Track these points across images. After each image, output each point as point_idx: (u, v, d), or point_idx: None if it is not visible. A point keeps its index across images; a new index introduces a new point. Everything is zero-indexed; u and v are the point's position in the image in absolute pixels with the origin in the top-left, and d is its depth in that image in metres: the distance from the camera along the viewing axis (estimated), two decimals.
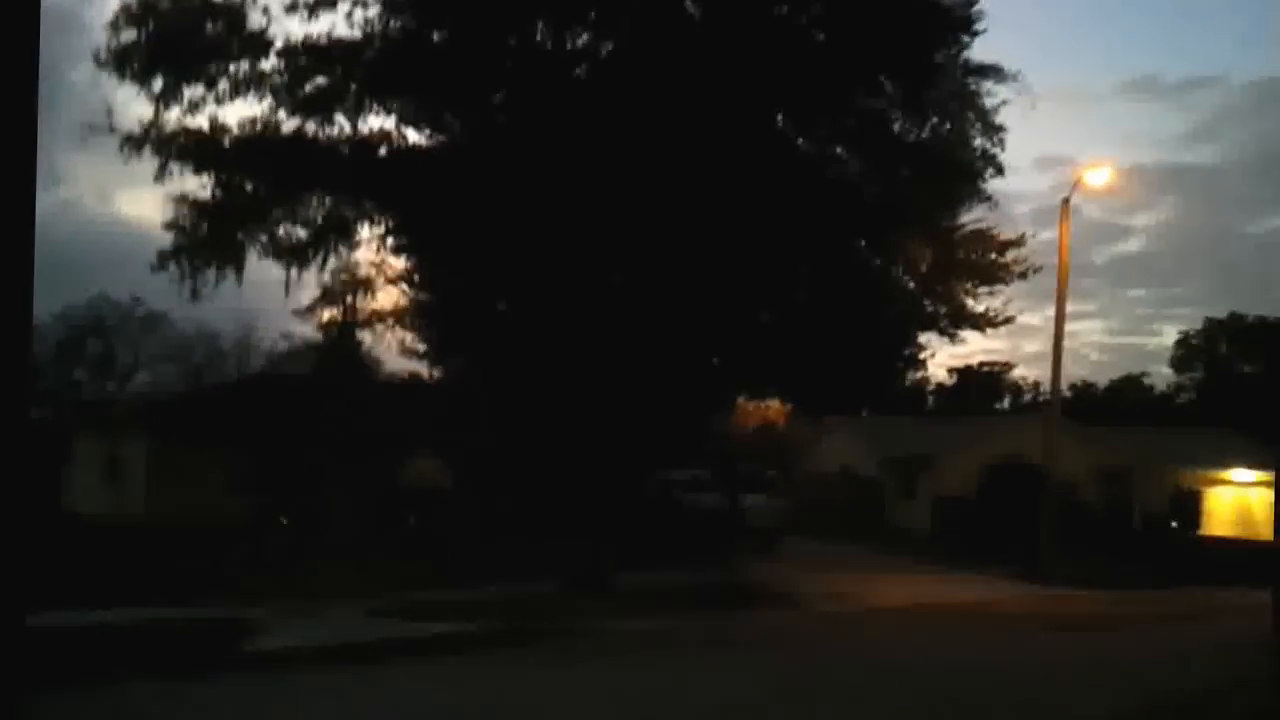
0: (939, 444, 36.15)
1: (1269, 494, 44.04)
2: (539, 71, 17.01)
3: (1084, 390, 79.12)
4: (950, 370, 78.06)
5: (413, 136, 18.82)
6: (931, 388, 76.76)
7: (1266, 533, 41.86)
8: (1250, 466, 42.20)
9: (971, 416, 46.48)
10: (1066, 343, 25.15)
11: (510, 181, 16.68)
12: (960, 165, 18.11)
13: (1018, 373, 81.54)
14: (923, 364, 23.82)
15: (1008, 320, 21.34)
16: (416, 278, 22.04)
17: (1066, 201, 24.05)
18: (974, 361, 76.68)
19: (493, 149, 17.07)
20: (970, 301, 20.76)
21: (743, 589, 19.84)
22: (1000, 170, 18.37)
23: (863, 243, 19.24)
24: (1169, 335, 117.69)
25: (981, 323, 21.14)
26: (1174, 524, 39.44)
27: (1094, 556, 26.63)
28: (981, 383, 77.42)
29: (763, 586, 20.38)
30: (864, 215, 18.40)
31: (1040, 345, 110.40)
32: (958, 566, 25.77)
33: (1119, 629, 16.41)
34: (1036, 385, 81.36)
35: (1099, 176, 23.22)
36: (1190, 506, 41.11)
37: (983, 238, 19.72)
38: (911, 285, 21.15)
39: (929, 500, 33.87)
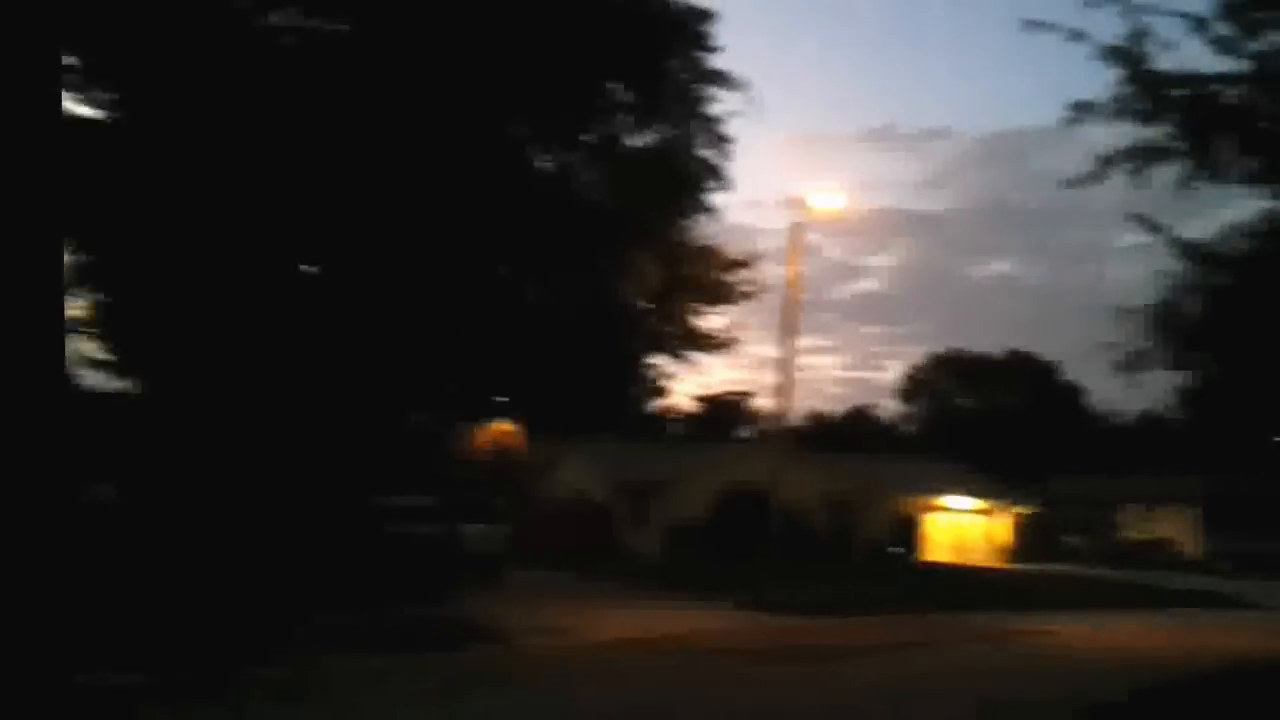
0: (673, 470, 35.90)
1: (982, 521, 46.93)
2: (221, 42, 15.10)
3: (820, 420, 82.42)
4: (697, 399, 79.49)
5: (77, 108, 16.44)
6: (678, 416, 77.90)
7: (979, 558, 44.55)
8: (966, 494, 44.64)
9: (706, 443, 46.89)
10: (806, 375, 25.46)
11: (182, 162, 14.69)
12: (687, 174, 17.54)
13: (760, 402, 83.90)
14: (661, 389, 23.17)
15: (732, 341, 21.05)
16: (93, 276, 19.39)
17: (797, 226, 24.18)
18: (719, 391, 78.38)
19: (163, 125, 15.00)
20: (697, 321, 20.30)
21: (450, 625, 18.31)
22: (726, 182, 17.95)
23: (588, 255, 18.36)
24: (899, 369, 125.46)
25: (709, 343, 20.72)
26: (894, 549, 40.94)
27: (819, 584, 26.76)
28: (725, 412, 78.99)
29: (473, 622, 18.91)
30: (591, 224, 17.50)
31: (777, 377, 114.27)
32: (686, 595, 25.20)
33: (837, 659, 16.01)
34: (772, 414, 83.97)
35: (827, 200, 23.43)
36: (910, 532, 42.87)
37: (710, 254, 19.27)
38: (640, 302, 20.49)
39: (662, 527, 33.47)
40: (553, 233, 17.06)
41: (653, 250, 18.14)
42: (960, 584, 31.23)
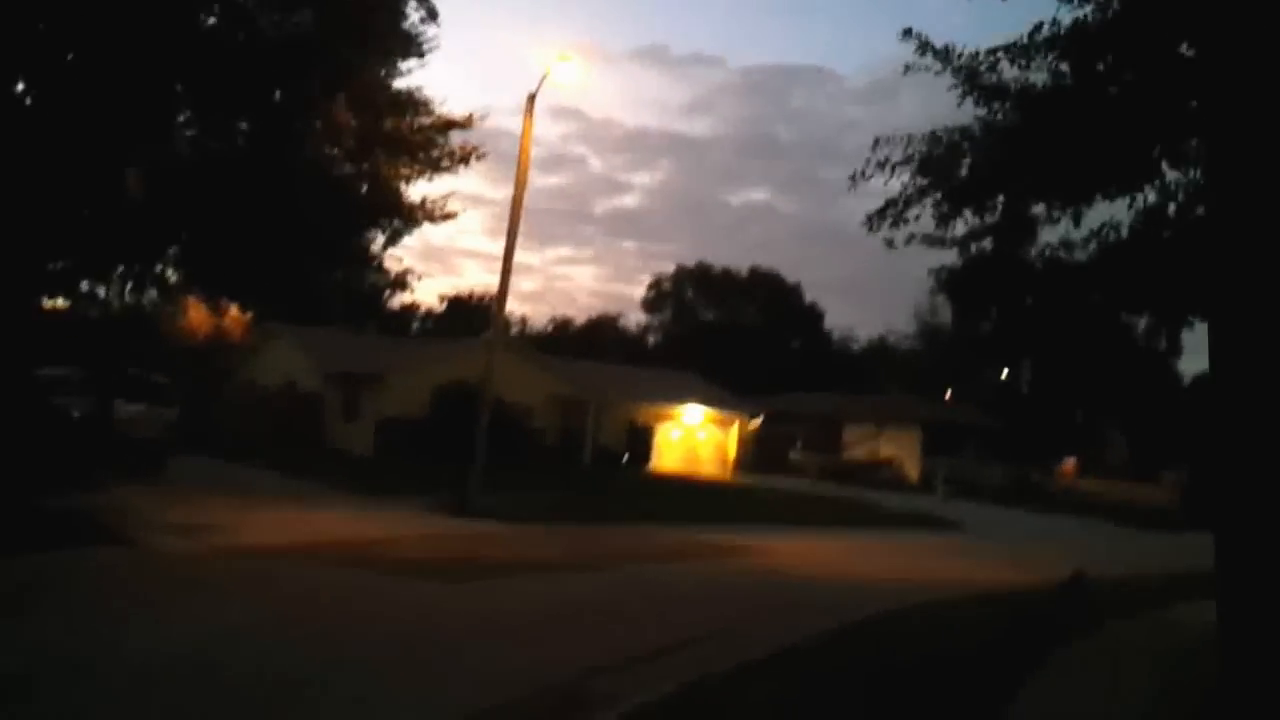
0: (392, 363, 33.13)
1: (715, 433, 46.86)
2: None
3: (562, 326, 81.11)
4: (442, 298, 76.63)
5: None
6: (424, 315, 74.80)
7: (710, 470, 44.48)
8: (701, 405, 44.20)
9: (430, 338, 44.27)
10: (560, 284, 23.16)
11: None
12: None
13: (511, 306, 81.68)
14: (403, 281, 20.48)
15: (449, 216, 18.57)
16: None
17: (532, 98, 21.70)
18: (467, 292, 75.76)
19: None
20: (406, 186, 17.65)
21: (73, 518, 15.21)
22: (433, 14, 15.25)
23: (262, 93, 15.27)
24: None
25: (419, 213, 18.15)
26: (626, 458, 40.00)
27: (537, 490, 25.05)
28: (472, 313, 76.22)
29: (107, 516, 15.86)
30: (265, 58, 14.43)
31: (535, 283, 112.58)
32: (387, 495, 22.86)
33: (509, 573, 14.15)
34: (524, 320, 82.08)
35: (566, 71, 21.06)
36: (643, 441, 42.02)
37: (416, 105, 16.58)
38: (338, 161, 17.58)
39: (374, 423, 30.83)
40: (217, 66, 13.93)
41: (347, 93, 15.27)
42: (685, 496, 30.39)
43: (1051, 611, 13.40)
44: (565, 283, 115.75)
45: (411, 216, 18.02)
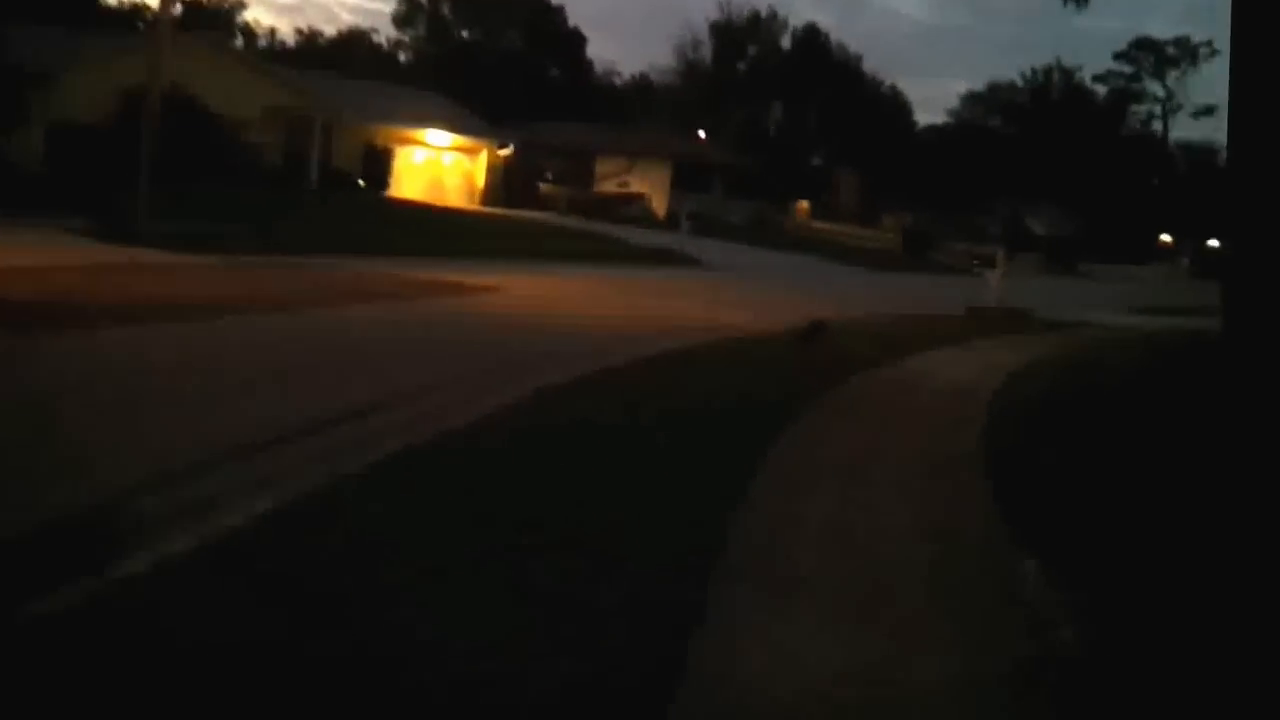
0: (66, 58, 26.90)
1: (463, 160, 42.73)
2: None
3: (309, 39, 72.54)
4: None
5: None
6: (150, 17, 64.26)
7: (455, 200, 40.64)
8: (448, 130, 39.80)
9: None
10: None
11: None
12: None
13: (256, 15, 71.99)
14: None
15: None
16: None
17: None
18: None
19: None
20: None
21: None
22: None
23: None
24: None
25: None
26: (361, 183, 35.64)
27: (236, 214, 20.85)
28: (214, 20, 66.18)
29: None
30: None
31: None
32: (43, 216, 18.30)
33: (133, 320, 10.58)
34: (273, 31, 72.90)
35: None
36: (381, 166, 37.52)
37: None
38: None
39: (44, 131, 25.10)
40: None
41: None
42: (422, 227, 26.85)
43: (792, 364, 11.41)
44: None
45: None
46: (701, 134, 57.61)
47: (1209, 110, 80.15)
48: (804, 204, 60.82)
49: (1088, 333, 19.58)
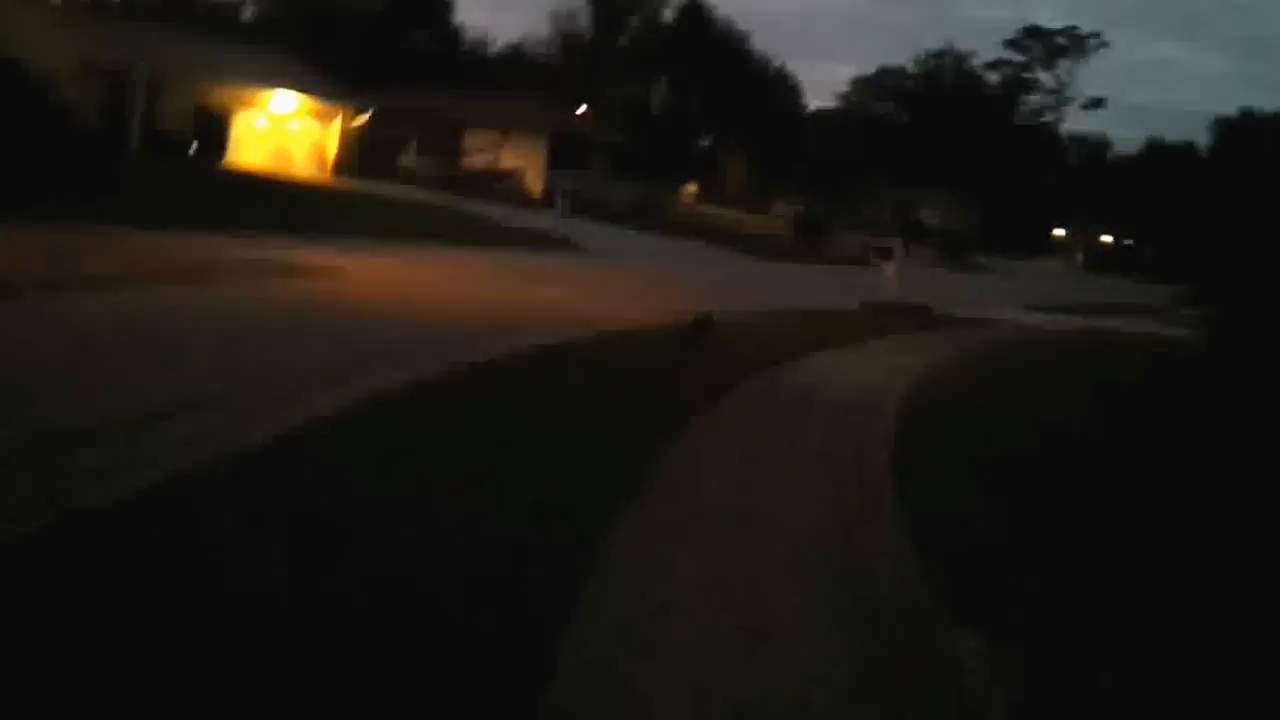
0: None
1: (313, 127, 40.53)
2: None
3: None
4: None
5: None
6: None
7: (303, 171, 38.44)
8: (296, 93, 37.67)
9: None
10: None
11: None
12: None
13: None
14: None
15: None
16: None
17: None
18: None
19: None
20: None
21: None
22: None
23: None
24: None
25: None
26: (194, 148, 33.38)
27: (38, 185, 18.76)
28: None
29: None
30: None
31: None
32: None
33: None
34: None
35: None
36: (219, 131, 35.21)
37: None
38: None
39: None
40: None
41: None
42: (260, 198, 24.95)
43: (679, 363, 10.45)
44: None
45: None
46: (582, 110, 56.48)
47: (1099, 102, 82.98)
48: (691, 187, 60.34)
49: (992, 332, 19.23)
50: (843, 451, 7.70)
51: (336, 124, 38.96)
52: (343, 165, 38.43)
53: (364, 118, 39.56)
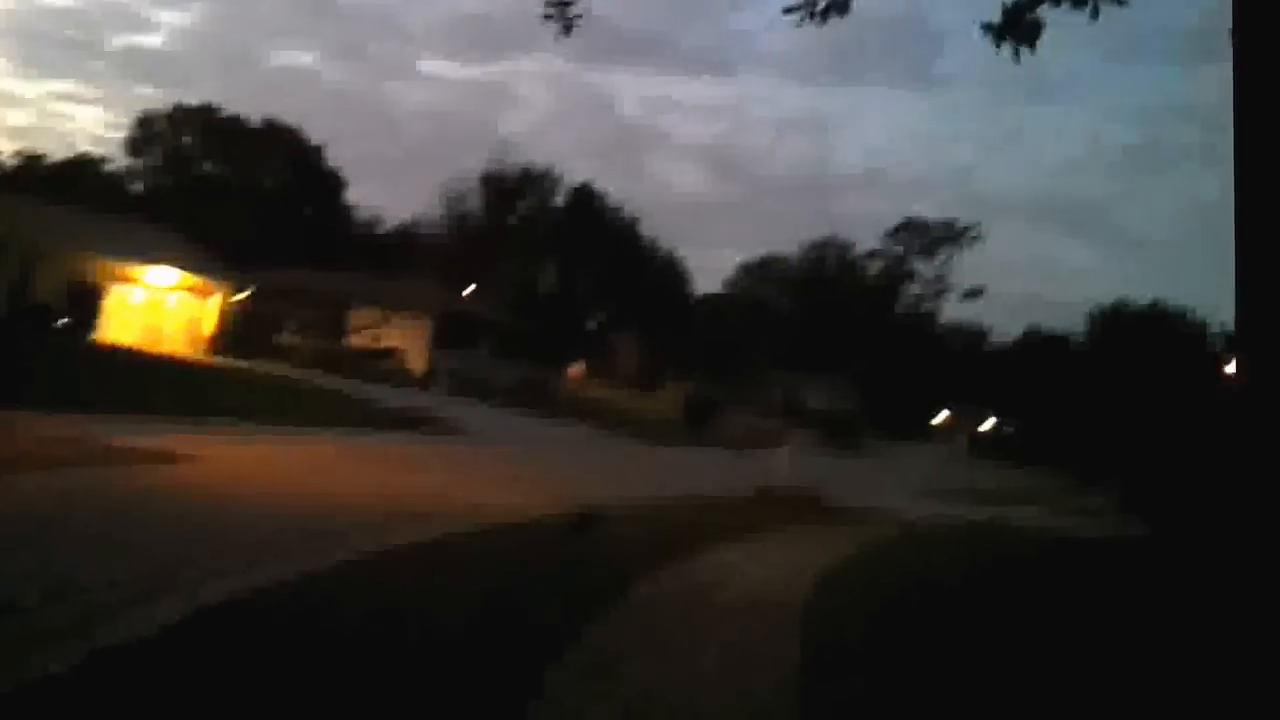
0: None
1: (193, 302, 39.28)
2: None
3: (32, 161, 67.51)
4: None
5: None
6: None
7: (179, 347, 36.97)
8: (173, 268, 36.62)
9: None
10: (58, 123, 15.04)
11: None
12: None
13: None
14: None
15: None
16: None
17: None
18: None
19: None
20: None
21: None
22: None
23: None
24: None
25: None
26: (64, 322, 31.88)
27: None
28: None
29: None
30: None
31: (25, 117, 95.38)
32: None
33: None
34: None
35: None
36: (91, 304, 33.89)
37: None
38: None
39: None
40: None
41: None
42: (124, 377, 23.63)
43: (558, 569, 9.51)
44: (66, 123, 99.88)
45: None
46: (470, 289, 56.40)
47: (977, 293, 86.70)
48: (579, 367, 60.24)
49: (891, 528, 18.74)
50: (746, 675, 6.82)
51: (216, 300, 37.92)
52: (220, 342, 37.20)
53: (245, 294, 38.62)
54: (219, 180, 56.84)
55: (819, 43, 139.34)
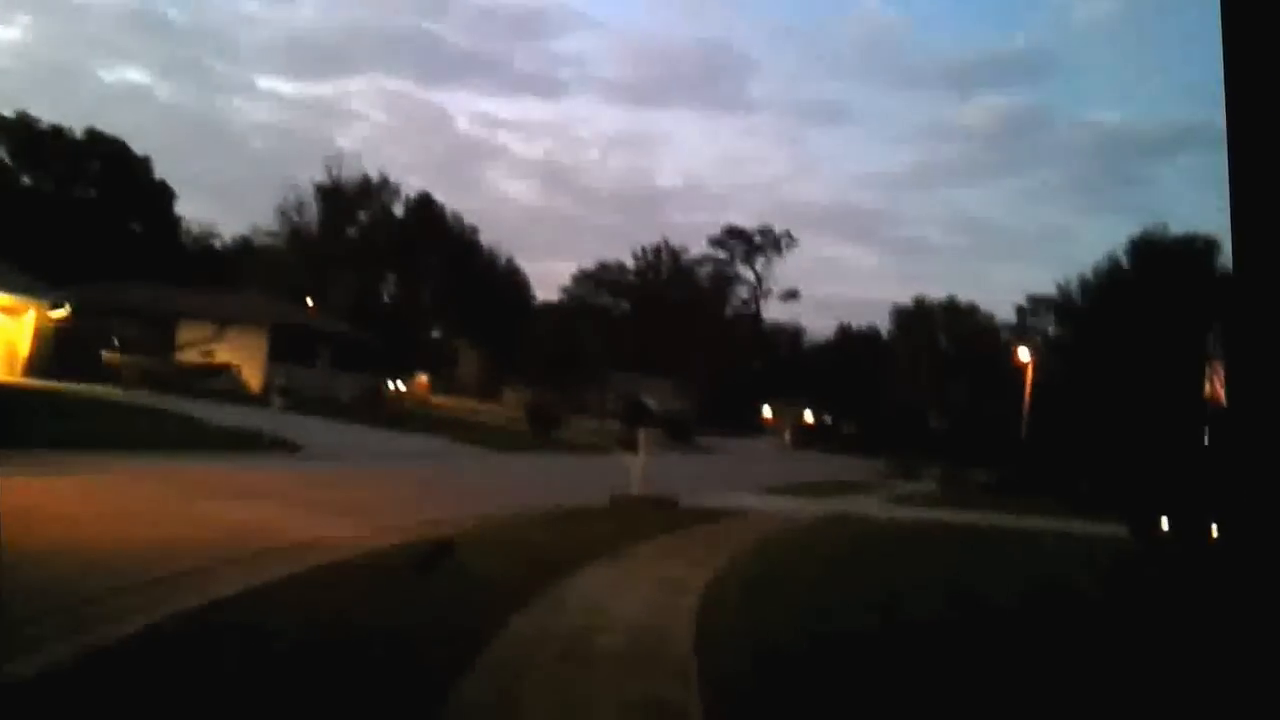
0: None
1: (4, 322, 35.03)
2: None
3: None
4: None
5: None
6: None
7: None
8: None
9: None
10: None
11: None
12: None
13: None
14: None
15: None
16: None
17: None
18: None
19: None
20: None
21: None
22: None
23: None
24: None
25: None
26: None
27: None
28: None
29: None
30: None
31: None
32: None
33: None
34: None
35: None
36: None
37: None
38: None
39: None
40: None
41: None
42: None
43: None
44: None
45: None
46: (309, 301, 52.97)
47: (793, 294, 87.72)
48: (423, 378, 57.65)
49: (752, 527, 17.44)
50: None
51: (29, 318, 33.84)
52: (36, 363, 33.20)
53: (62, 312, 34.63)
54: (35, 193, 51.54)
55: (639, 69, 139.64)
